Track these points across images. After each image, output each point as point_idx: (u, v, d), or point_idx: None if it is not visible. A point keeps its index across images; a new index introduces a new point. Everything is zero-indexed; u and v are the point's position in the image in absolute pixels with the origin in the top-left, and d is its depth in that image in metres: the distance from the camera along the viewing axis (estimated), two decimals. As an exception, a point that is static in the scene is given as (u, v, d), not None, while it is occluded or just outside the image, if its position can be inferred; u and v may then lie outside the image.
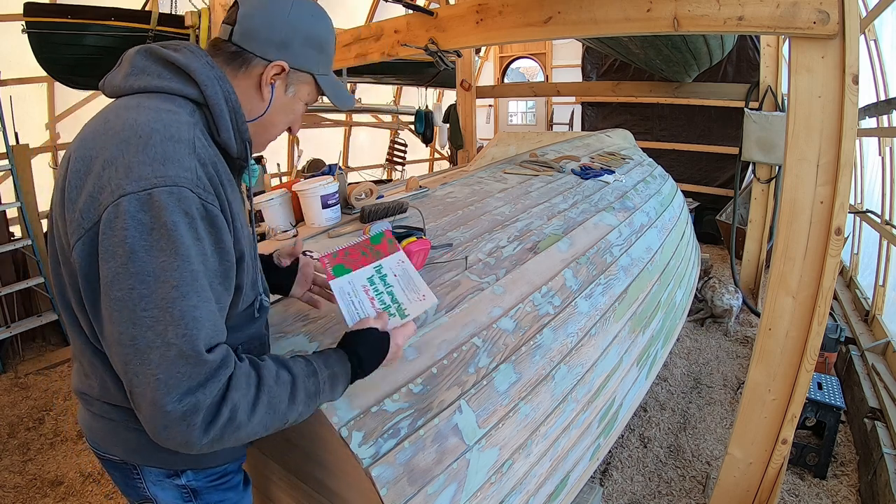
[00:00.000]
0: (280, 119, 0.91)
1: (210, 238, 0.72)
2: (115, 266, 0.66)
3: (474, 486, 1.14)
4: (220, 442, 0.71)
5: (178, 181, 0.68)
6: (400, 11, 2.66)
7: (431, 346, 1.24)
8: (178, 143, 0.71)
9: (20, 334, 3.49)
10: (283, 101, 0.89)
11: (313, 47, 0.88)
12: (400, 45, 2.59)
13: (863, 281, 3.76)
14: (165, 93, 0.78)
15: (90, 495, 2.25)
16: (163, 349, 0.66)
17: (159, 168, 0.68)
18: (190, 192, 0.69)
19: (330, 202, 1.73)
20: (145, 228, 0.66)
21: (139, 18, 3.68)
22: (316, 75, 0.90)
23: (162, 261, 0.66)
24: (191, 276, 0.68)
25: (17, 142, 3.54)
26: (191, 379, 0.67)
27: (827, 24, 1.34)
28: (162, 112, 0.74)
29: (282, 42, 0.84)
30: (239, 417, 0.71)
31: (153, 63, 0.80)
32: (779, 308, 1.59)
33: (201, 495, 0.95)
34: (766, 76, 3.93)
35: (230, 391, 0.71)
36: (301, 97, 0.91)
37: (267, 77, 0.85)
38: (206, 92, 0.79)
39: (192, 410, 0.67)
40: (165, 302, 0.66)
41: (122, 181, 0.67)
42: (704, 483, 2.23)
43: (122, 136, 0.70)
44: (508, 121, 10.05)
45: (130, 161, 0.68)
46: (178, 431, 0.67)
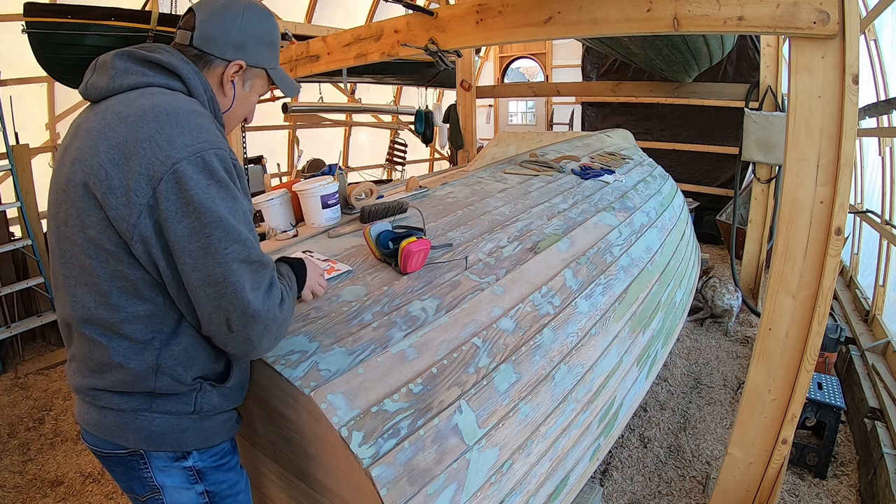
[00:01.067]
0: (239, 111, 1.04)
1: (239, 187, 0.88)
2: (191, 221, 0.79)
3: (474, 486, 1.14)
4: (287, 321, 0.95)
5: (217, 144, 0.83)
6: (400, 11, 2.66)
7: (431, 346, 1.24)
8: (202, 116, 0.86)
9: (20, 334, 3.50)
10: (241, 95, 1.02)
11: (265, 45, 1.00)
12: (400, 45, 2.59)
13: (863, 281, 3.76)
14: (156, 86, 0.88)
15: (90, 495, 2.25)
16: (249, 268, 0.84)
17: (198, 135, 0.82)
18: (225, 152, 0.85)
19: (330, 202, 1.73)
20: (204, 184, 0.80)
21: (139, 18, 3.68)
22: (268, 69, 1.03)
23: (227, 205, 0.82)
24: (244, 213, 0.86)
25: (17, 142, 3.54)
26: (270, 278, 0.88)
27: (827, 24, 1.35)
28: (170, 95, 0.87)
29: (238, 43, 0.96)
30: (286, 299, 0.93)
31: (135, 64, 0.90)
32: (779, 308, 1.59)
33: (206, 476, 1.00)
34: (766, 76, 3.93)
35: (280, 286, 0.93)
36: (256, 90, 1.04)
37: (228, 75, 0.97)
38: (190, 84, 0.91)
39: (275, 300, 0.88)
40: (240, 234, 0.83)
41: (171, 151, 0.79)
42: (704, 483, 2.23)
43: (150, 117, 0.81)
44: (508, 121, 10.04)
45: (170, 134, 0.80)
46: (275, 321, 0.88)
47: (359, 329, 1.20)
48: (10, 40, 3.64)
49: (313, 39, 3.09)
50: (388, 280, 1.39)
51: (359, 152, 7.79)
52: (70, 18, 3.45)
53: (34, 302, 3.66)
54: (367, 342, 1.17)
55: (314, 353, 1.12)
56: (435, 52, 2.43)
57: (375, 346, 1.17)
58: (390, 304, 1.30)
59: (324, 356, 1.11)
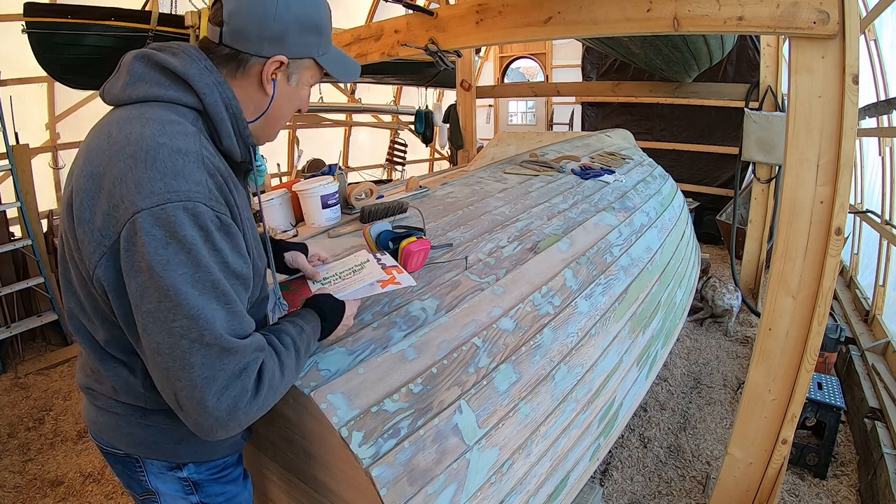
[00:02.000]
0: (287, 108, 0.91)
1: (228, 246, 0.75)
2: (142, 281, 0.69)
3: (474, 486, 1.14)
4: (264, 407, 0.79)
5: (191, 195, 0.70)
6: (400, 11, 2.66)
7: (431, 346, 1.24)
8: (187, 157, 0.71)
9: (20, 334, 3.49)
10: (287, 92, 0.88)
11: (310, 32, 0.84)
12: (400, 45, 2.59)
13: (863, 281, 3.75)
14: (165, 101, 0.77)
15: (90, 495, 2.25)
16: (203, 350, 0.70)
17: (171, 182, 0.69)
18: (203, 205, 0.71)
19: (330, 202, 1.73)
20: (161, 243, 0.68)
21: (139, 18, 3.67)
22: (317, 57, 0.87)
23: (182, 273, 0.69)
24: (212, 285, 0.71)
25: (17, 142, 3.54)
26: (234, 368, 0.73)
27: (827, 24, 1.35)
28: (166, 124, 0.73)
29: (276, 36, 0.80)
30: (274, 383, 0.80)
31: (151, 70, 0.78)
32: (779, 308, 1.59)
33: (202, 488, 0.98)
34: (766, 76, 3.93)
35: (264, 366, 0.78)
36: (305, 82, 0.90)
37: (267, 74, 0.83)
38: (206, 100, 0.78)
39: (240, 395, 0.73)
40: (194, 311, 0.69)
41: (135, 197, 0.68)
42: (704, 483, 2.23)
43: (129, 151, 0.70)
44: (508, 121, 10.04)
45: (140, 177, 0.68)
46: (233, 420, 0.74)
47: (359, 329, 1.20)
48: (10, 40, 3.64)
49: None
50: (388, 280, 1.39)
51: (359, 152, 7.79)
52: (70, 18, 3.45)
53: (34, 302, 3.66)
54: (367, 342, 1.17)
55: (314, 353, 1.12)
56: (435, 52, 2.43)
57: (375, 346, 1.17)
58: (390, 304, 1.30)
59: (324, 356, 1.11)
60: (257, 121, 0.88)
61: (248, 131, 0.85)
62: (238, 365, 0.73)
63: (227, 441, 0.99)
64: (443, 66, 2.64)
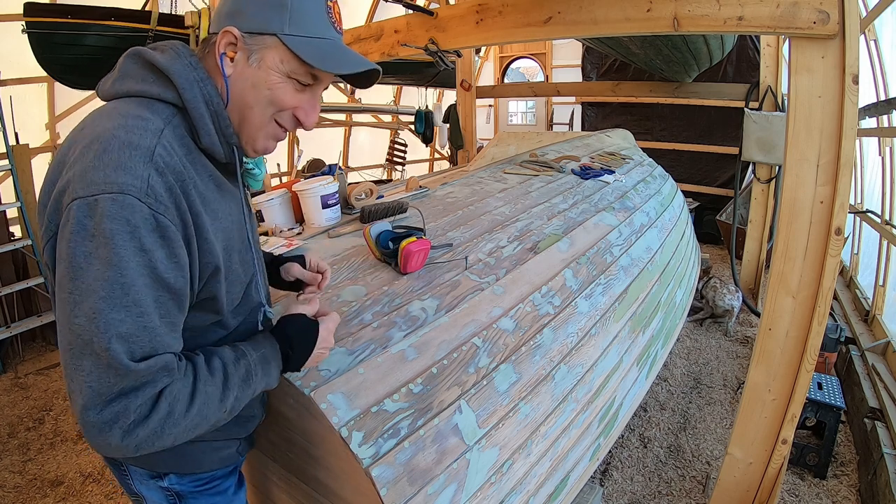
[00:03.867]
0: (254, 96, 0.78)
1: (161, 250, 0.68)
2: (62, 269, 0.66)
3: (474, 486, 1.14)
4: (162, 436, 0.70)
5: (125, 189, 0.65)
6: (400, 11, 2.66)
7: (431, 346, 1.24)
8: (135, 151, 0.67)
9: (20, 334, 3.49)
10: (248, 74, 0.77)
11: (268, 6, 0.75)
12: (400, 45, 2.59)
13: (863, 281, 3.76)
14: (145, 97, 0.75)
15: (90, 495, 2.25)
16: (93, 359, 0.65)
17: (110, 174, 0.65)
18: (137, 201, 0.65)
19: (330, 202, 1.73)
20: (87, 234, 0.64)
21: (139, 18, 3.68)
22: (280, 34, 0.75)
23: (96, 269, 0.64)
24: (121, 288, 0.65)
25: (17, 142, 3.54)
26: (120, 386, 0.66)
27: (827, 24, 1.35)
28: (130, 118, 0.70)
29: (233, 10, 0.76)
30: (178, 409, 0.70)
31: (138, 67, 0.77)
32: (779, 308, 1.59)
33: (186, 499, 0.96)
34: (766, 76, 3.94)
35: (167, 390, 0.70)
36: (271, 65, 0.76)
37: (218, 48, 0.76)
38: (185, 96, 0.75)
39: (122, 412, 0.66)
40: (93, 312, 0.64)
41: (77, 185, 0.65)
42: (704, 483, 2.23)
43: (87, 143, 0.68)
44: (508, 121, 10.05)
45: (86, 166, 0.66)
46: (112, 436, 0.66)
47: (359, 329, 1.20)
48: (10, 40, 3.64)
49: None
50: (388, 280, 1.39)
51: (359, 152, 7.79)
52: (70, 18, 3.45)
53: (34, 302, 3.66)
54: (367, 342, 1.17)
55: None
56: (435, 52, 2.43)
57: (375, 346, 1.17)
58: (390, 304, 1.30)
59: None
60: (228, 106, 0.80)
61: (231, 130, 0.79)
62: (128, 384, 0.66)
63: (213, 455, 0.96)
64: (443, 66, 2.64)
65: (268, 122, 0.81)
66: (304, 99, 0.82)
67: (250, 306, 0.92)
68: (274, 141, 0.85)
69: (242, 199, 0.88)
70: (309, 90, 0.82)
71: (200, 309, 0.81)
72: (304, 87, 0.80)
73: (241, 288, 0.87)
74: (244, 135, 0.82)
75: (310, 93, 0.82)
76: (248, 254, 0.88)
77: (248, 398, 0.82)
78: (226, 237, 0.81)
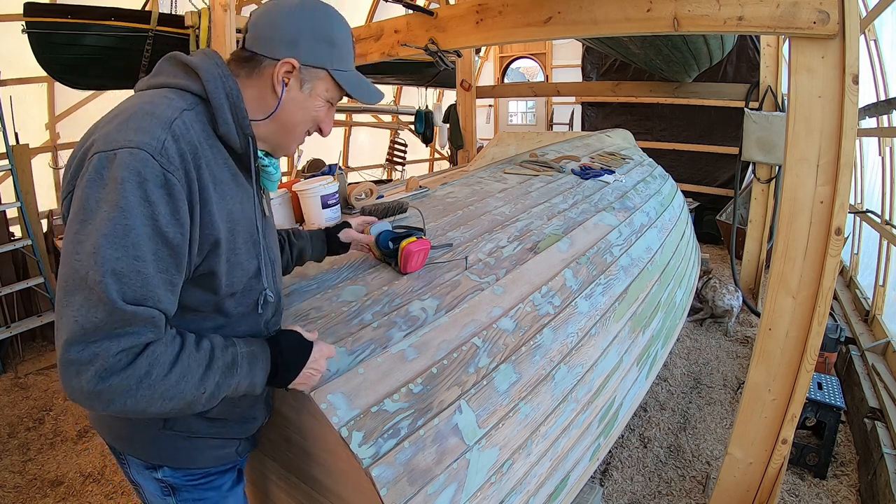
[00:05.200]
0: (299, 117, 0.91)
1: (164, 205, 0.72)
2: (74, 213, 0.71)
3: (474, 486, 1.14)
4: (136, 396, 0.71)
5: (141, 145, 0.71)
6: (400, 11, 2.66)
7: (431, 346, 1.24)
8: (155, 118, 0.74)
9: (20, 334, 3.50)
10: (298, 98, 0.90)
11: (324, 42, 0.89)
12: (400, 45, 2.59)
13: (863, 281, 3.76)
14: (173, 87, 0.83)
15: (90, 495, 2.25)
16: (85, 292, 0.68)
17: (130, 134, 0.72)
18: (151, 157, 0.71)
19: (330, 202, 1.73)
20: (101, 182, 0.70)
21: (139, 18, 3.67)
22: (330, 70, 0.90)
23: (104, 211, 0.69)
24: (123, 229, 0.69)
25: (17, 142, 3.54)
26: (106, 326, 0.69)
27: (827, 24, 1.35)
28: (156, 97, 0.79)
29: (290, 40, 0.86)
30: (156, 372, 0.73)
31: (171, 65, 0.86)
32: (779, 308, 1.59)
33: (179, 492, 0.98)
34: (766, 76, 3.94)
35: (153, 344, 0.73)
36: (319, 93, 0.91)
37: (278, 75, 0.87)
38: (208, 87, 0.82)
39: (101, 354, 0.69)
40: (94, 248, 0.68)
41: (99, 144, 0.72)
42: (704, 483, 2.23)
43: (114, 114, 0.77)
44: (508, 121, 10.05)
45: (110, 129, 0.73)
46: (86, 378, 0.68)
47: (359, 329, 1.20)
48: (10, 40, 3.64)
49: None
50: (388, 280, 1.39)
51: (359, 152, 7.79)
52: (70, 18, 3.45)
53: (34, 302, 3.66)
54: (367, 342, 1.17)
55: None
56: (435, 52, 2.43)
57: (375, 346, 1.17)
58: (390, 303, 1.30)
59: (324, 356, 1.11)
60: (265, 120, 0.90)
61: (248, 122, 0.86)
62: (113, 324, 0.69)
63: (210, 452, 0.97)
64: (443, 66, 2.65)
65: (303, 134, 0.96)
66: (329, 114, 0.98)
67: (253, 297, 0.93)
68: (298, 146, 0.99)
69: (255, 195, 0.92)
70: (332, 108, 0.97)
71: (198, 285, 0.84)
72: (331, 106, 0.96)
73: (243, 276, 0.89)
74: (284, 143, 0.95)
75: (332, 110, 0.98)
76: (255, 247, 0.91)
77: (229, 389, 0.83)
78: (230, 219, 0.85)
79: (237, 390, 0.85)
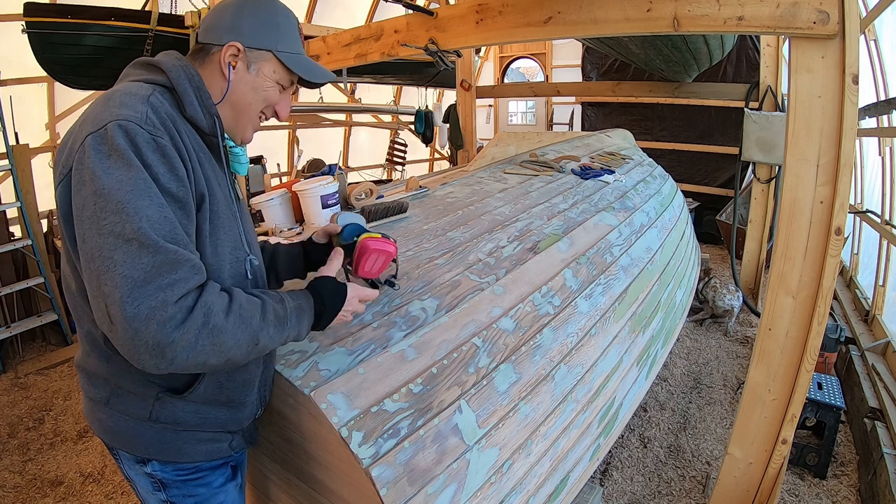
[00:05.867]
0: (249, 97, 0.95)
1: (161, 164, 0.78)
2: (85, 192, 0.74)
3: (474, 486, 1.14)
4: (196, 347, 0.74)
5: (128, 117, 0.77)
6: (400, 11, 2.66)
7: (431, 346, 1.24)
8: (133, 96, 0.81)
9: (20, 334, 3.50)
10: (246, 79, 0.94)
11: (267, 26, 0.94)
12: (400, 45, 2.59)
13: (863, 281, 3.75)
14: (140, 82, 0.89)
15: (90, 495, 2.25)
16: (125, 247, 0.71)
17: (115, 110, 0.78)
18: (139, 126, 0.77)
19: (330, 202, 1.73)
20: (104, 155, 0.75)
21: (139, 18, 3.67)
22: (275, 52, 0.95)
23: (117, 175, 0.74)
24: (143, 182, 0.74)
25: (17, 142, 3.54)
26: (154, 272, 0.72)
27: (827, 24, 1.35)
28: (131, 84, 0.86)
29: (234, 26, 0.92)
30: (213, 320, 0.76)
31: (134, 68, 0.93)
32: (779, 308, 1.59)
33: (169, 487, 0.98)
34: (766, 76, 3.93)
35: (204, 294, 0.77)
36: (266, 75, 0.95)
37: (224, 58, 0.92)
38: (171, 75, 0.88)
39: (159, 306, 0.71)
40: (121, 204, 0.72)
41: (88, 126, 0.78)
42: (704, 483, 2.23)
43: (94, 106, 0.82)
44: (508, 121, 10.04)
45: (95, 112, 0.79)
46: (148, 333, 0.70)
47: (359, 329, 1.20)
48: (10, 40, 3.64)
49: (313, 39, 3.09)
50: (388, 280, 1.38)
51: (359, 152, 7.79)
52: (70, 18, 3.45)
53: (34, 302, 3.66)
54: (367, 342, 1.17)
55: (314, 353, 1.12)
56: (435, 52, 2.43)
57: (375, 345, 1.17)
58: (390, 303, 1.30)
59: (324, 356, 1.11)
60: (219, 105, 0.94)
61: (212, 102, 0.91)
62: (161, 267, 0.72)
63: (198, 446, 0.96)
64: (443, 66, 2.64)
65: (256, 116, 0.99)
66: (283, 98, 1.01)
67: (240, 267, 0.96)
68: (255, 132, 1.02)
69: (226, 178, 0.98)
70: (285, 91, 1.01)
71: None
72: (283, 89, 1.00)
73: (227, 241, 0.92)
74: (238, 126, 0.99)
75: (286, 94, 1.01)
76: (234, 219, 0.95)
77: (279, 342, 0.88)
78: (209, 182, 0.89)
79: (286, 341, 0.90)
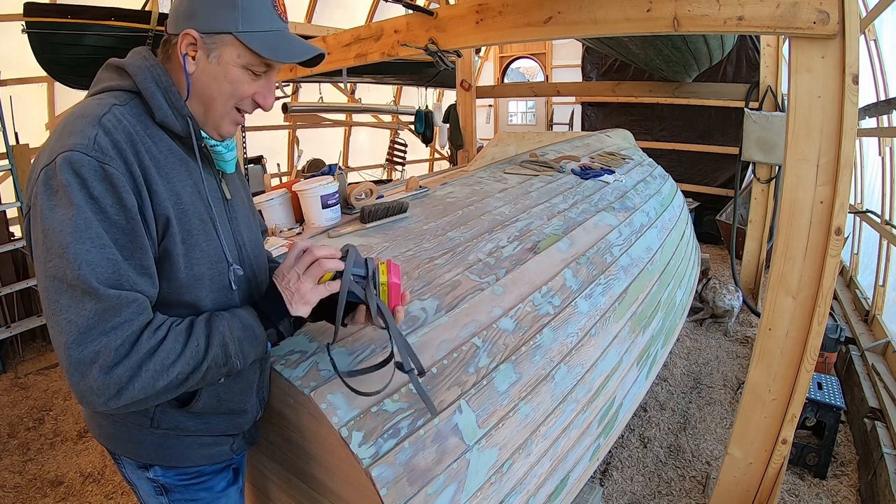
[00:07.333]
0: (214, 89, 0.86)
1: (108, 196, 0.75)
2: (36, 231, 0.74)
3: (474, 486, 1.14)
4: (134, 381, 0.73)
5: (73, 147, 0.73)
6: (400, 11, 2.66)
7: (431, 346, 1.24)
8: (84, 119, 0.77)
9: (20, 334, 3.50)
10: (208, 69, 0.85)
11: (222, 6, 0.83)
12: (400, 45, 2.59)
13: (863, 281, 3.76)
14: (108, 90, 0.85)
15: (90, 495, 2.25)
16: (69, 292, 0.71)
17: (64, 140, 0.75)
18: (85, 155, 0.73)
19: (330, 202, 1.73)
20: (52, 191, 0.73)
21: (139, 18, 3.67)
22: (236, 33, 0.83)
23: (60, 215, 0.72)
24: (84, 223, 0.72)
25: (17, 142, 3.54)
26: (97, 318, 0.71)
27: (827, 24, 1.34)
28: (90, 102, 0.81)
29: (189, 12, 0.84)
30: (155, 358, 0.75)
31: (105, 72, 0.88)
32: (779, 308, 1.59)
33: (171, 492, 0.98)
34: (766, 76, 3.93)
35: (144, 334, 0.76)
36: (229, 61, 0.84)
37: (181, 49, 0.84)
38: (137, 79, 0.84)
39: (103, 350, 0.71)
40: (63, 248, 0.71)
41: (42, 159, 0.76)
42: (704, 483, 2.23)
43: (56, 128, 0.80)
44: (508, 121, 10.04)
45: (50, 144, 0.77)
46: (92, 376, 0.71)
47: (359, 329, 1.20)
48: (10, 40, 3.64)
49: (313, 39, 3.09)
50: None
51: (359, 152, 7.79)
52: (70, 18, 3.45)
53: (34, 302, 3.66)
54: (366, 342, 1.17)
55: (314, 353, 1.12)
56: (435, 52, 2.43)
57: (375, 346, 1.17)
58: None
59: (324, 356, 1.11)
60: (189, 99, 0.87)
61: (183, 104, 0.85)
62: (105, 313, 0.71)
63: (200, 451, 0.96)
64: (443, 66, 2.64)
65: (230, 109, 0.89)
66: (261, 85, 0.90)
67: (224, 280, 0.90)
68: (236, 125, 0.93)
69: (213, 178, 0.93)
70: (264, 76, 0.89)
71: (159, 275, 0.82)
72: (258, 75, 0.88)
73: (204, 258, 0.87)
74: (210, 122, 0.90)
75: (265, 79, 0.90)
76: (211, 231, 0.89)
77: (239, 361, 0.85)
78: (179, 202, 0.84)
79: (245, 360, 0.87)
